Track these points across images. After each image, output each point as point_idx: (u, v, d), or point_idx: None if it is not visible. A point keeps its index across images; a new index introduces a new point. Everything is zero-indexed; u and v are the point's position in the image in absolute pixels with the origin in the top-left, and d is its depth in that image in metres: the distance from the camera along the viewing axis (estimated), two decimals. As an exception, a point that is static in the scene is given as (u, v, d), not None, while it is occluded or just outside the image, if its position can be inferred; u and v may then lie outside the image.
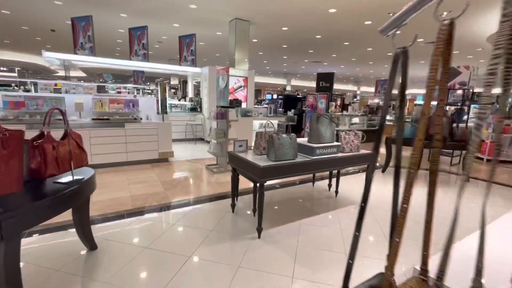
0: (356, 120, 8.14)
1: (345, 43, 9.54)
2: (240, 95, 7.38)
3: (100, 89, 5.35)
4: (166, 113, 5.17)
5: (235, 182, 2.78)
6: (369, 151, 3.00)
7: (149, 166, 4.64)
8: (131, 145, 4.60)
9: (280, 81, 21.96)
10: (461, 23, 6.84)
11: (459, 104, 5.42)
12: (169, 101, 8.16)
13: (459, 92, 5.48)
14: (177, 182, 3.86)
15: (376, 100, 13.84)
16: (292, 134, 2.43)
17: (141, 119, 4.84)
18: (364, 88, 26.01)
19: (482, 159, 6.05)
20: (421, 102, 12.58)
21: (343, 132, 2.89)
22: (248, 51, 7.83)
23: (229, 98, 5.01)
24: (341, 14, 6.53)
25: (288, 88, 20.38)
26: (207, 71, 6.95)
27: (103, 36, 9.46)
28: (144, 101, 5.04)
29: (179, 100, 9.52)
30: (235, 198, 2.85)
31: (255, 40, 9.52)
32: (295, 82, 22.79)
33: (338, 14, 6.55)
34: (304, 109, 9.46)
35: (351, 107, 8.26)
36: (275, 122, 6.49)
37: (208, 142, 7.17)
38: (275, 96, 20.58)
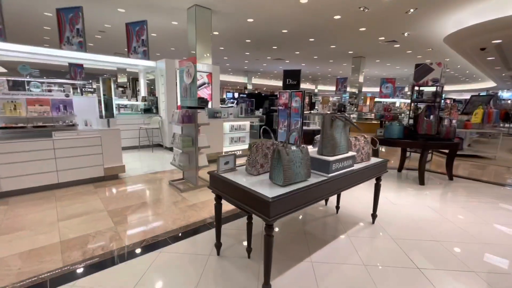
0: (327, 118, 7.91)
1: (311, 39, 9.27)
2: (204, 93, 6.46)
3: (19, 86, 3.95)
4: (113, 116, 4.05)
5: (219, 214, 1.99)
6: (380, 159, 2.50)
7: (91, 188, 3.51)
8: (64, 161, 3.41)
9: (240, 79, 21.27)
10: (419, 23, 7.01)
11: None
12: (117, 101, 6.82)
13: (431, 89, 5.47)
14: (133, 210, 2.88)
15: (336, 98, 14.09)
16: (303, 145, 1.75)
17: (76, 125, 3.66)
18: (320, 87, 26.88)
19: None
20: (382, 100, 13.10)
21: (353, 138, 2.32)
22: (211, 43, 6.94)
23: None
24: (312, 5, 6.09)
25: (249, 86, 19.81)
26: (164, 65, 5.88)
27: (23, 20, 7.55)
28: (81, 101, 3.85)
29: (129, 99, 8.14)
30: (220, 234, 2.05)
31: (216, 33, 8.65)
32: (255, 81, 22.35)
33: (309, 6, 6.10)
34: (276, 108, 8.93)
35: (321, 105, 7.98)
36: (247, 123, 5.77)
37: (169, 149, 6.12)
38: (236, 95, 19.87)
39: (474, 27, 6.17)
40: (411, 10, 6.16)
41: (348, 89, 13.12)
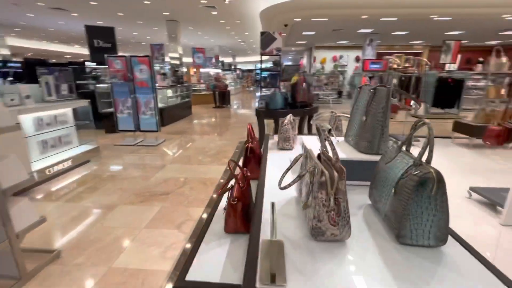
0: (170, 92, 6.50)
1: (119, -15, 6.86)
2: None
3: None
4: None
5: None
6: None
7: None
8: None
9: (-23, 36, 12.79)
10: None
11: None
12: None
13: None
14: None
15: (157, 67, 12.46)
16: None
17: None
18: (122, 54, 22.59)
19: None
20: (203, 70, 13.03)
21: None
22: None
23: None
24: None
25: (5, 51, 12.54)
26: None
27: None
28: None
29: None
30: None
31: None
32: (12, 41, 14.51)
33: None
34: (87, 82, 6.03)
35: (159, 76, 6.42)
36: (68, 111, 3.34)
37: None
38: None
39: (283, 4, 7.16)
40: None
41: (168, 59, 11.85)
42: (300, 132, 4.10)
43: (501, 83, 3.75)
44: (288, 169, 0.95)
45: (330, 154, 0.83)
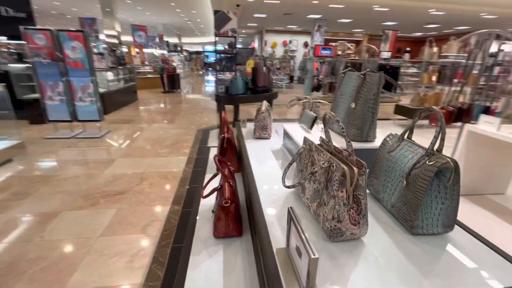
0: (111, 75, 5.66)
1: None
2: None
3: None
4: None
5: None
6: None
7: None
8: None
9: None
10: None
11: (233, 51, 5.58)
12: None
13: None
14: None
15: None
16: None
17: None
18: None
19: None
20: (148, 50, 11.80)
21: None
22: None
23: None
24: None
25: None
26: None
27: None
28: None
29: None
30: None
31: None
32: None
33: None
34: (31, 61, 4.79)
35: (96, 57, 5.52)
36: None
37: None
38: None
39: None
40: None
41: (103, 37, 10.35)
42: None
43: (433, 70, 4.28)
44: (290, 164, 0.86)
45: (335, 144, 0.75)
